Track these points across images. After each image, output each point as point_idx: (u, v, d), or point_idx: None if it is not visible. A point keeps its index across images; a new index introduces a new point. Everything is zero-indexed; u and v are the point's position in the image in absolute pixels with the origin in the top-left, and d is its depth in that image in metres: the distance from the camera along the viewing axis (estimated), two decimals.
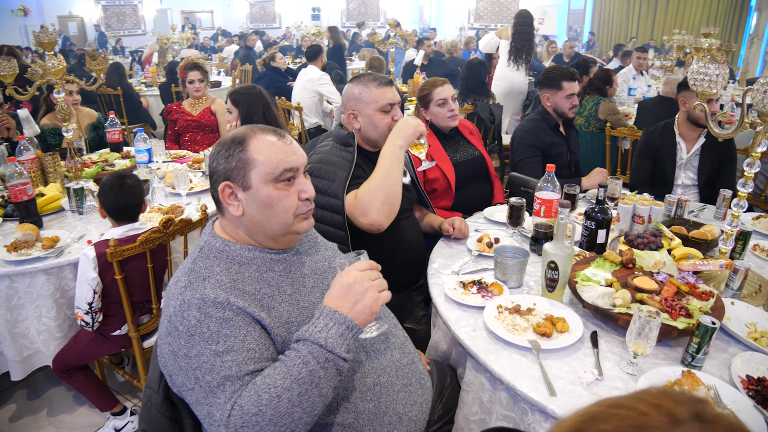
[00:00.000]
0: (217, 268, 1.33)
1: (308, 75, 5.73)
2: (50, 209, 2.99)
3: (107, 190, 2.30)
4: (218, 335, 1.21)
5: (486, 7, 19.13)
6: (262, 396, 1.15)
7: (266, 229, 1.40)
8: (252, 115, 3.07)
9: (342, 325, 1.25)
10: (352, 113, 2.29)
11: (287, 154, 1.40)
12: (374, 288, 1.31)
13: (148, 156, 3.31)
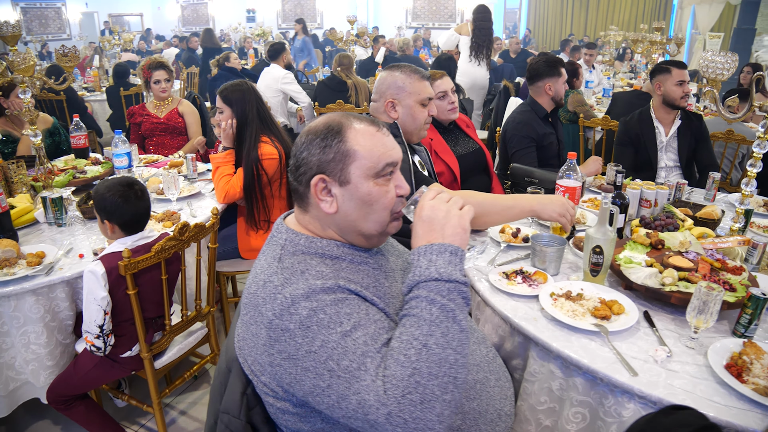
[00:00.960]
0: (312, 262, 1.22)
1: (271, 74, 5.50)
2: (23, 222, 2.68)
3: (122, 201, 2.07)
4: (338, 316, 1.10)
5: (423, 6, 19.26)
6: (409, 354, 1.05)
7: (361, 227, 1.28)
8: (247, 113, 2.87)
9: (445, 253, 1.17)
10: (392, 102, 2.25)
11: (387, 146, 1.28)
12: (453, 206, 1.23)
13: (128, 160, 3.03)
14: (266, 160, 2.86)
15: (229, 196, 2.85)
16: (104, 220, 2.07)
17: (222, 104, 2.88)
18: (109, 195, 2.05)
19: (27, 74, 2.61)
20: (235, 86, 2.92)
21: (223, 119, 2.89)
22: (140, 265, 1.94)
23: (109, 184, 2.10)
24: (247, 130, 2.88)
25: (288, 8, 20.84)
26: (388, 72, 2.31)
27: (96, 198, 2.07)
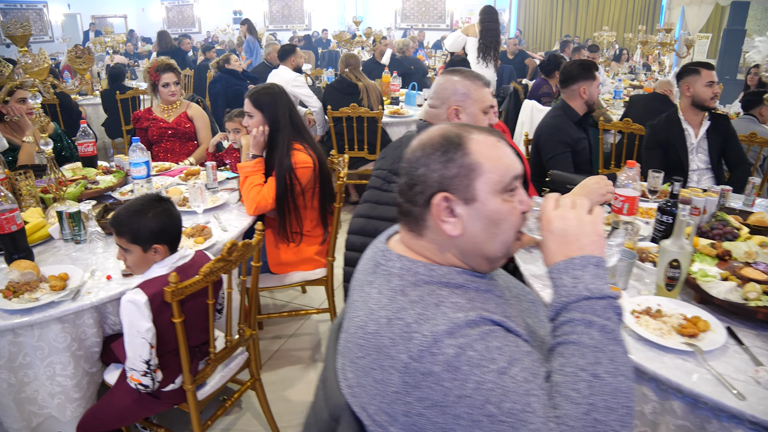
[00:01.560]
0: (442, 292, 1.06)
1: (281, 76, 5.28)
2: (36, 239, 2.47)
3: (167, 218, 1.89)
4: (489, 352, 0.96)
5: (413, 7, 19.15)
6: (580, 388, 0.95)
7: (487, 250, 1.13)
8: (279, 119, 2.68)
9: (588, 266, 1.06)
10: (456, 109, 2.13)
11: (511, 157, 1.13)
12: (582, 212, 1.12)
13: (146, 170, 2.81)
14: (300, 169, 2.67)
15: (260, 207, 2.65)
16: (153, 245, 1.86)
17: (252, 108, 2.68)
18: (152, 215, 1.85)
19: (40, 77, 2.39)
20: (266, 89, 2.73)
21: (253, 125, 2.69)
22: (188, 290, 1.74)
23: (141, 206, 1.88)
24: (279, 137, 2.69)
25: (275, 10, 20.62)
26: (447, 77, 2.19)
27: (136, 225, 1.85)
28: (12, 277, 2.04)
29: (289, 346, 3.27)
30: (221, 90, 5.99)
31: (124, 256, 1.92)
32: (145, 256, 1.89)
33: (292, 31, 18.60)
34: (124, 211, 1.89)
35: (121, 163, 3.27)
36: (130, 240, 1.86)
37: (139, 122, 4.00)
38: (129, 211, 1.88)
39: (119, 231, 1.86)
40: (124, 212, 1.88)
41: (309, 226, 2.81)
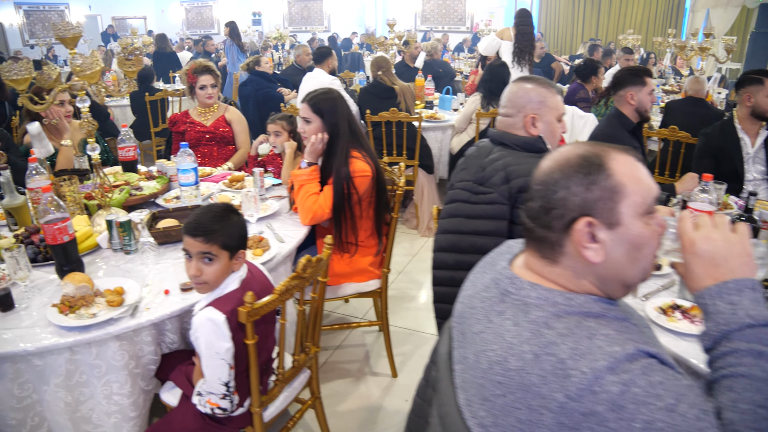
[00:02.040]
0: (589, 323, 0.98)
1: (316, 79, 5.17)
2: (84, 249, 2.37)
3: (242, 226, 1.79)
4: (653, 387, 0.89)
5: (432, 9, 19.01)
6: (761, 426, 0.90)
7: (627, 276, 1.06)
8: (338, 125, 2.57)
9: (745, 290, 1.00)
10: (533, 117, 2.06)
11: (650, 178, 1.06)
12: (726, 229, 1.05)
13: (194, 176, 2.71)
14: (358, 178, 2.56)
15: (316, 217, 2.55)
16: (240, 250, 1.76)
17: (311, 114, 2.58)
18: (236, 220, 1.77)
19: (92, 81, 2.30)
20: (326, 94, 2.63)
21: (311, 132, 2.59)
22: (263, 310, 1.63)
23: (221, 212, 1.78)
24: (338, 144, 2.58)
25: (294, 11, 20.58)
26: (519, 86, 2.14)
27: (227, 229, 1.74)
28: (67, 291, 1.95)
29: (336, 359, 3.16)
30: (251, 92, 5.90)
31: (201, 268, 1.75)
32: (229, 264, 1.77)
33: (311, 32, 18.53)
34: (207, 217, 1.76)
35: (163, 168, 3.18)
36: (222, 245, 1.73)
37: (176, 125, 3.91)
38: (213, 216, 1.76)
39: (210, 238, 1.72)
40: (207, 218, 1.75)
41: (363, 236, 2.71)
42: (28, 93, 2.36)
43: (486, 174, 2.07)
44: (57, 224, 2.05)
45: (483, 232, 2.03)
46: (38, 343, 1.77)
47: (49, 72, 2.45)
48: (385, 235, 2.83)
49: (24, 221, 2.60)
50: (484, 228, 2.03)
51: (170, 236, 2.39)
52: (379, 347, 3.31)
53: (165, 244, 2.40)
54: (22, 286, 2.09)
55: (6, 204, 2.54)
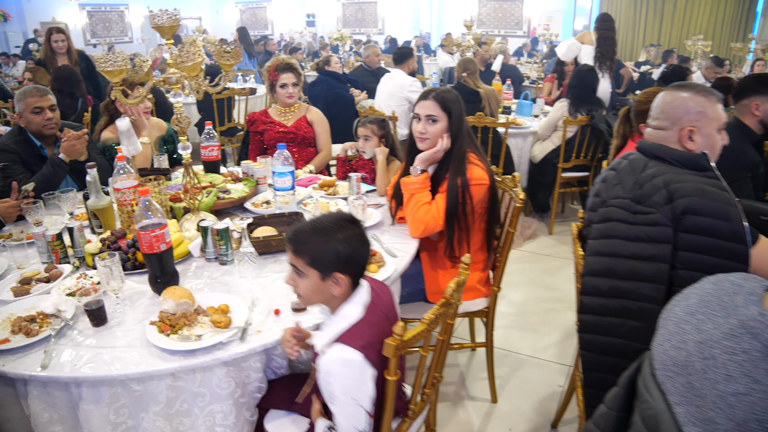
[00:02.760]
0: None
1: (396, 80, 4.94)
2: (175, 258, 2.17)
3: (358, 242, 1.52)
4: None
5: (489, 13, 18.64)
6: None
7: None
8: (462, 126, 2.32)
9: None
10: (691, 130, 1.82)
11: None
12: None
13: (291, 181, 2.49)
14: (475, 186, 2.30)
15: (428, 229, 2.29)
16: (334, 273, 1.52)
17: (439, 111, 2.33)
18: (343, 237, 1.50)
19: (192, 73, 2.09)
20: (448, 90, 2.38)
21: (437, 133, 2.33)
22: (411, 342, 1.38)
23: (330, 224, 1.53)
24: (456, 147, 2.33)
25: (348, 13, 20.47)
26: (674, 94, 1.88)
27: (321, 245, 1.51)
28: (166, 307, 1.73)
29: None
30: (322, 92, 5.70)
31: (296, 280, 1.57)
32: (322, 285, 1.53)
33: (365, 34, 18.39)
34: (308, 227, 1.55)
35: (249, 169, 2.97)
36: (309, 262, 1.51)
37: (255, 125, 3.71)
38: (314, 228, 1.54)
39: (298, 249, 1.52)
40: (308, 229, 1.55)
41: (472, 250, 2.44)
42: (121, 86, 2.17)
43: (644, 192, 1.79)
44: (154, 231, 1.84)
45: (644, 256, 1.74)
46: (139, 367, 1.56)
47: (141, 64, 2.26)
48: (494, 249, 2.56)
49: (108, 224, 2.41)
50: (645, 252, 1.74)
51: (270, 246, 2.17)
52: (475, 369, 3.06)
53: (264, 254, 2.18)
54: (114, 298, 1.89)
55: (92, 205, 2.36)
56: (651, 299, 1.73)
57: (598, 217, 1.93)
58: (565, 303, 3.80)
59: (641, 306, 1.76)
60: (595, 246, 1.89)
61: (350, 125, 5.79)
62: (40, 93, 2.99)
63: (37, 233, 2.24)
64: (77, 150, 2.95)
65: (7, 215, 2.60)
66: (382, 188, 2.91)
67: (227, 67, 2.32)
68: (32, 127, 3.04)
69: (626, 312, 1.80)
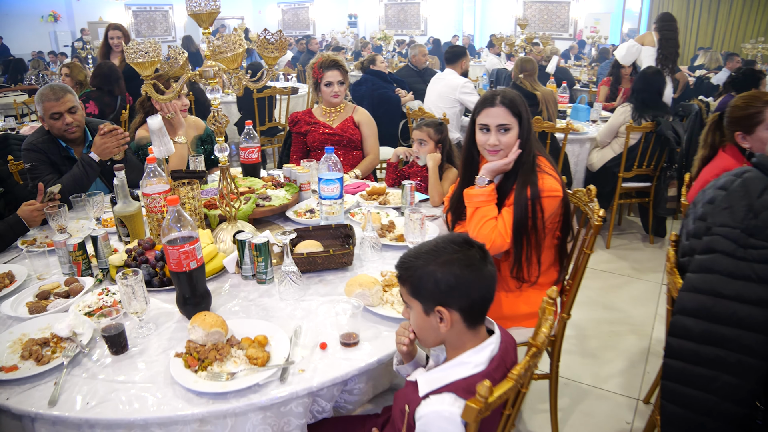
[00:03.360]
0: None
1: (447, 81, 4.64)
2: (207, 274, 1.93)
3: (470, 272, 1.24)
4: None
5: (534, 15, 18.19)
6: None
7: None
8: (531, 131, 2.03)
9: None
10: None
11: None
12: None
13: (339, 189, 2.21)
14: (548, 198, 2.00)
15: (495, 247, 2.00)
16: (436, 306, 1.24)
17: (510, 118, 2.03)
18: (445, 261, 1.24)
19: (231, 66, 1.84)
20: (514, 92, 2.08)
21: (510, 142, 2.04)
22: (496, 403, 1.08)
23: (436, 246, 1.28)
24: (524, 153, 2.04)
25: (391, 14, 20.25)
26: None
27: (421, 270, 1.25)
28: (194, 338, 1.48)
29: None
30: (367, 92, 5.44)
31: (408, 313, 1.35)
32: (426, 320, 1.28)
33: (408, 35, 18.13)
34: (414, 249, 1.33)
35: (291, 174, 2.71)
36: (411, 291, 1.28)
37: (297, 125, 3.46)
38: (419, 250, 1.30)
39: (401, 275, 1.30)
40: (413, 251, 1.32)
41: (542, 268, 2.14)
42: (152, 80, 1.93)
43: (760, 222, 1.48)
44: (184, 246, 1.60)
45: (751, 299, 1.43)
46: (161, 410, 1.31)
47: (176, 56, 2.03)
48: (565, 269, 2.26)
49: (137, 232, 2.18)
50: (754, 295, 1.43)
51: (315, 264, 1.90)
52: (533, 399, 2.77)
53: (308, 272, 1.92)
54: (137, 321, 1.65)
55: (118, 211, 2.13)
56: (753, 353, 1.44)
57: (701, 246, 1.61)
58: (628, 326, 3.46)
59: (741, 359, 1.47)
60: (692, 280, 1.57)
61: (396, 127, 5.52)
62: (57, 96, 2.76)
63: (58, 241, 2.02)
64: (110, 149, 2.74)
65: (31, 219, 2.40)
66: (436, 198, 2.63)
67: (271, 61, 2.06)
68: (54, 132, 2.85)
69: (722, 364, 1.50)
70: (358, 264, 2.02)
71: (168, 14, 19.65)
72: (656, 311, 3.61)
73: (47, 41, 16.34)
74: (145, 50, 1.76)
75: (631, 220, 5.26)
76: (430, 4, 19.28)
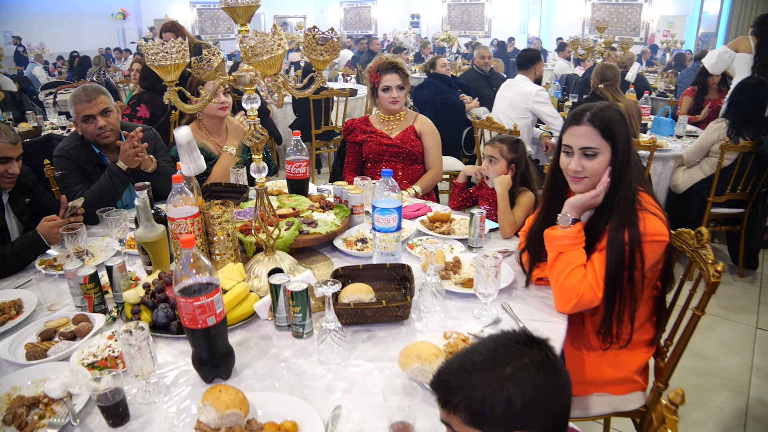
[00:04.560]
0: None
1: (520, 88, 4.19)
2: (235, 319, 1.61)
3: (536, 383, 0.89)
4: None
5: (603, 17, 17.38)
6: None
7: None
8: (629, 155, 1.63)
9: None
10: None
11: None
12: None
13: (397, 219, 1.84)
14: (651, 243, 1.59)
15: (583, 302, 1.60)
16: None
17: (599, 141, 1.64)
18: (515, 371, 0.88)
19: (270, 71, 1.50)
20: (612, 109, 1.68)
21: (597, 170, 1.64)
22: None
23: (492, 349, 0.91)
24: (622, 186, 1.63)
25: (454, 15, 19.80)
26: None
27: (478, 390, 0.88)
28: (206, 420, 1.15)
29: None
30: (429, 97, 5.07)
31: None
32: None
33: (471, 37, 17.64)
34: (457, 362, 0.95)
35: (342, 194, 2.36)
36: (469, 419, 0.90)
37: (352, 134, 3.12)
38: (468, 363, 0.93)
39: (447, 400, 0.92)
40: (456, 365, 0.94)
41: (636, 323, 1.73)
42: (178, 86, 1.61)
43: None
44: (200, 299, 1.27)
45: None
46: None
47: (209, 57, 1.71)
48: (662, 326, 1.86)
49: (160, 261, 1.88)
50: None
51: (364, 317, 1.55)
52: None
53: (352, 325, 1.57)
54: (143, 383, 1.33)
55: (139, 237, 1.83)
56: None
57: None
58: (719, 379, 2.93)
59: None
60: None
61: (459, 136, 5.13)
62: (89, 97, 2.52)
63: (69, 270, 1.74)
64: (132, 156, 2.46)
65: (51, 236, 2.14)
66: (506, 229, 2.24)
67: (320, 65, 1.72)
68: (87, 137, 2.61)
69: None
70: (416, 315, 1.66)
71: None
72: (752, 362, 3.09)
73: (115, 38, 16.64)
74: (167, 51, 1.44)
75: (716, 247, 4.66)
76: (494, 5, 18.73)
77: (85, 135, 2.60)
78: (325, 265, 2.00)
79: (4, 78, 7.11)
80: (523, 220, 2.28)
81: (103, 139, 2.59)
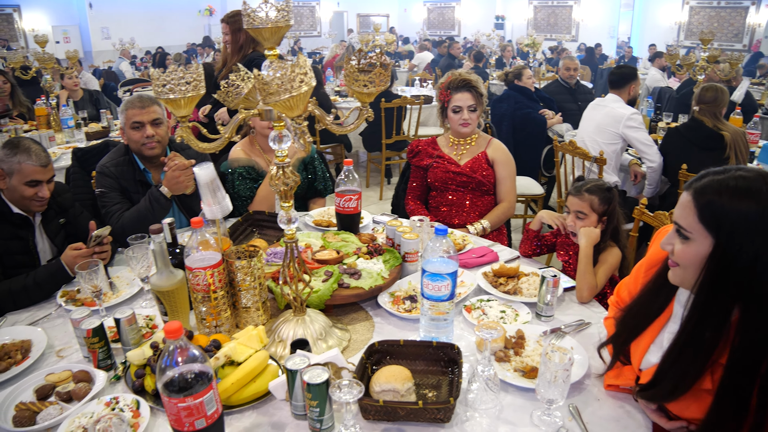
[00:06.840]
0: None
1: (609, 109, 3.70)
2: (247, 398, 1.35)
3: None
4: None
5: (701, 21, 16.26)
6: None
7: None
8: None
9: None
10: None
11: None
12: None
13: (451, 287, 1.49)
14: None
15: None
16: None
17: (698, 228, 1.16)
18: None
19: (291, 114, 1.22)
20: (746, 186, 1.14)
21: (692, 260, 1.22)
22: None
23: None
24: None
25: (540, 17, 19.11)
26: None
27: None
28: None
29: None
30: (508, 111, 4.69)
31: None
32: None
33: (557, 41, 16.94)
34: None
35: (395, 236, 2.06)
36: None
37: (417, 157, 2.82)
38: None
39: None
40: None
41: None
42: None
43: None
44: (185, 401, 1.01)
45: None
46: None
47: (237, 82, 1.45)
48: None
49: (177, 311, 1.65)
50: None
51: (395, 416, 1.25)
52: None
53: (382, 421, 1.28)
54: None
55: (155, 286, 1.60)
56: None
57: None
58: None
59: None
60: None
61: (538, 155, 4.72)
62: (143, 104, 2.40)
63: (74, 319, 1.54)
64: (182, 183, 2.28)
65: (75, 266, 1.96)
66: (584, 292, 1.85)
67: (365, 98, 1.44)
68: (132, 146, 2.45)
69: None
70: (461, 409, 1.34)
71: (315, 10, 19.84)
72: None
73: (201, 34, 17.01)
74: (174, 83, 1.19)
75: None
76: (583, 7, 17.92)
77: (131, 143, 2.46)
78: (365, 327, 1.72)
79: (88, 76, 7.22)
80: (605, 281, 1.92)
81: (148, 150, 2.43)
